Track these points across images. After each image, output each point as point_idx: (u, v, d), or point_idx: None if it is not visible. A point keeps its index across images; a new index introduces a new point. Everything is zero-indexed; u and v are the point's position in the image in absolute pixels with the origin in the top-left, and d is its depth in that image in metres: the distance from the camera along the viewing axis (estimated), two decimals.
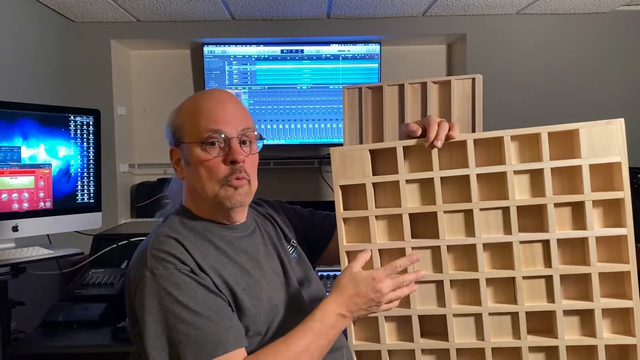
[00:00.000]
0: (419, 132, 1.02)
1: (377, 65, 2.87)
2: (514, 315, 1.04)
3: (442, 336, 1.07)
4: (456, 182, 1.05)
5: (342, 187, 1.08)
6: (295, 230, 1.21)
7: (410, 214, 1.06)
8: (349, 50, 2.87)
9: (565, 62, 2.81)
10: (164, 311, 0.86)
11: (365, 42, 2.86)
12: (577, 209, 1.02)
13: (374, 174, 1.07)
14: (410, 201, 1.07)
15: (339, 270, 1.01)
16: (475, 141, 1.02)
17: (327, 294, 0.98)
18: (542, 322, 1.05)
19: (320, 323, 0.91)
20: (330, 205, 1.11)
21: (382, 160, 1.09)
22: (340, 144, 2.68)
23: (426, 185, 1.06)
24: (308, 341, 0.89)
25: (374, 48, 2.87)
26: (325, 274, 1.93)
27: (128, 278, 0.94)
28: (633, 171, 2.09)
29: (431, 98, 1.77)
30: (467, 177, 1.03)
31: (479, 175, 1.03)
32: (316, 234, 1.22)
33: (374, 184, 1.07)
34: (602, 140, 0.99)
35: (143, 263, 0.90)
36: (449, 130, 1.00)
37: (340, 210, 1.08)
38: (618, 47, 2.80)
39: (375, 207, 1.07)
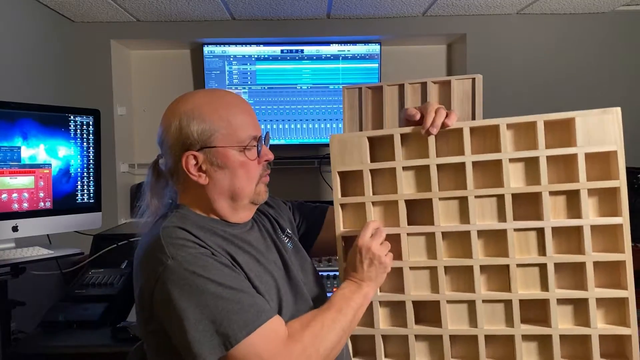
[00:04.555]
0: (418, 117, 1.04)
1: (377, 65, 2.87)
2: (508, 303, 1.04)
3: (436, 322, 1.08)
4: (452, 170, 1.06)
5: (341, 174, 1.10)
6: (289, 222, 1.22)
7: (406, 201, 1.07)
8: (349, 50, 2.87)
9: (565, 62, 2.81)
10: (199, 293, 0.85)
11: (365, 42, 2.86)
12: (573, 198, 1.02)
13: (371, 161, 1.08)
14: (407, 188, 1.08)
15: (337, 270, 1.03)
16: (472, 129, 1.04)
17: (325, 288, 1.07)
18: (536, 311, 1.05)
19: (342, 290, 1.01)
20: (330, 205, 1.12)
21: (379, 147, 1.10)
22: None
23: (423, 173, 1.07)
24: (338, 307, 0.97)
25: (374, 48, 2.87)
26: (325, 274, 1.93)
27: (142, 276, 0.91)
28: (633, 171, 2.09)
29: (431, 98, 1.77)
30: (463, 164, 1.04)
31: (474, 163, 1.04)
32: (307, 225, 1.24)
33: (372, 171, 1.09)
34: (599, 129, 0.99)
35: (160, 254, 0.88)
36: (446, 117, 1.02)
37: (338, 196, 1.09)
38: (618, 47, 2.80)
39: (373, 194, 1.08)
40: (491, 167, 1.04)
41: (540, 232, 1.02)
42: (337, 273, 1.94)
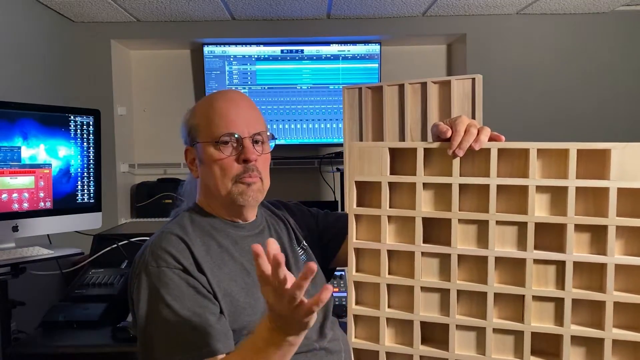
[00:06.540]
0: (449, 134, 0.98)
1: (377, 65, 2.87)
2: (519, 334, 1.00)
3: (443, 345, 1.04)
4: (475, 191, 1.01)
5: (357, 184, 1.06)
6: (310, 232, 1.21)
7: (423, 218, 1.03)
8: (349, 50, 2.87)
9: (565, 62, 2.81)
10: (150, 307, 0.91)
11: (365, 42, 2.86)
12: (599, 232, 0.96)
13: (391, 173, 1.04)
14: (425, 205, 1.03)
15: (338, 270, 1.00)
16: (499, 150, 0.98)
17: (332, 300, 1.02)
18: (548, 344, 1.01)
19: (253, 337, 0.86)
20: (329, 205, 1.10)
21: (400, 159, 1.05)
22: (341, 144, 2.67)
23: (443, 190, 1.02)
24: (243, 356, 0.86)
25: (374, 48, 2.87)
26: (338, 273, 1.92)
27: (130, 272, 0.99)
28: None
29: (431, 98, 1.77)
30: (486, 186, 0.99)
31: (499, 186, 0.99)
32: (329, 235, 1.22)
33: (390, 184, 1.04)
34: (635, 164, 0.93)
35: (142, 260, 0.95)
36: (477, 135, 0.95)
37: (353, 207, 1.05)
38: (618, 47, 2.80)
39: (389, 207, 1.05)
40: (516, 191, 0.99)
41: (560, 265, 0.97)
42: (337, 273, 1.94)
